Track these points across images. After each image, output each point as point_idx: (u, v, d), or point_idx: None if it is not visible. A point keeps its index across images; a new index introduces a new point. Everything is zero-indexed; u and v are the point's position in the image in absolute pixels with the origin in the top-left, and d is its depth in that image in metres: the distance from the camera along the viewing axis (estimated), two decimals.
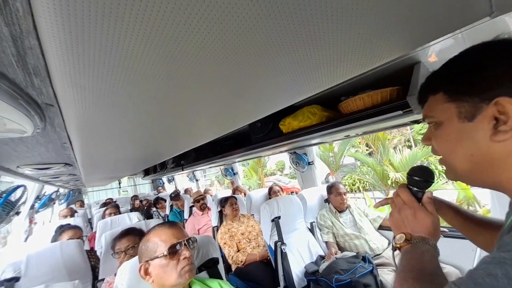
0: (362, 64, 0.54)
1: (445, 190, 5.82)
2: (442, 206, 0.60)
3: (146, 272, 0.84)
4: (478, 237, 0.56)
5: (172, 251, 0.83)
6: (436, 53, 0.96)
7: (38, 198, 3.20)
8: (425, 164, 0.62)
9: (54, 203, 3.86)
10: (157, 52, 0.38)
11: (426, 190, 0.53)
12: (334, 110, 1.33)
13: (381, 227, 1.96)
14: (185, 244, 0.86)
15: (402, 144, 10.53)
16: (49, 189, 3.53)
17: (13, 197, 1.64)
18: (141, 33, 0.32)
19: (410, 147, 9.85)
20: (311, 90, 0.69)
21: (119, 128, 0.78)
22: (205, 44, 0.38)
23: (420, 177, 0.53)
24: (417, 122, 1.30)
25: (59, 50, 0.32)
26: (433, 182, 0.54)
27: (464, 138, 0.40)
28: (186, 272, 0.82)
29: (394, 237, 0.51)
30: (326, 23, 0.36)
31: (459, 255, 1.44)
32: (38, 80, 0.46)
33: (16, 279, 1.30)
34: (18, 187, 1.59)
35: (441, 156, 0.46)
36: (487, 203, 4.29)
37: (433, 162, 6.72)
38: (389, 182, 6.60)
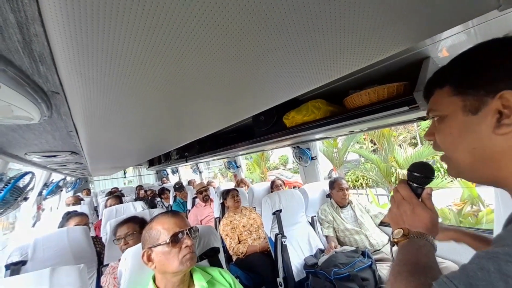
0: (367, 56, 0.53)
1: (450, 188, 5.77)
2: (465, 236, 0.68)
3: (149, 259, 0.86)
4: None
5: (174, 239, 0.85)
6: (447, 48, 0.94)
7: (45, 185, 3.29)
8: (430, 162, 0.64)
9: (61, 191, 3.96)
10: (162, 44, 0.38)
11: (426, 186, 0.53)
12: (339, 105, 1.32)
13: (382, 223, 1.97)
14: (187, 233, 0.88)
15: (407, 141, 10.41)
16: (56, 177, 3.62)
17: (22, 183, 1.69)
18: (146, 23, 0.32)
19: (416, 144, 9.73)
20: (314, 83, 0.68)
21: (124, 118, 0.79)
22: (209, 36, 0.38)
23: (420, 173, 0.53)
24: (423, 119, 1.28)
25: (63, 37, 0.32)
26: (433, 179, 0.54)
27: (467, 131, 0.40)
28: (187, 260, 0.84)
29: (392, 232, 0.52)
30: (329, 14, 0.36)
31: (459, 253, 1.45)
32: (43, 68, 0.46)
33: (22, 262, 1.34)
34: (26, 173, 1.63)
35: (443, 153, 0.46)
36: (491, 202, 4.24)
37: (439, 161, 6.63)
38: (393, 179, 6.56)
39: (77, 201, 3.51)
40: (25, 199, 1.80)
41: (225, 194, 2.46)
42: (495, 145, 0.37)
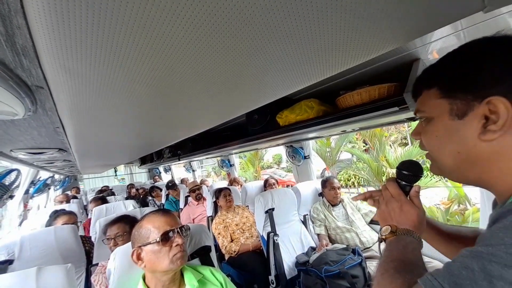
0: (357, 55, 0.53)
1: (438, 187, 5.92)
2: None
3: (139, 257, 0.85)
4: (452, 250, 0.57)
5: (165, 238, 0.84)
6: (437, 50, 0.96)
7: (32, 183, 3.20)
8: (419, 162, 0.64)
9: (49, 189, 3.86)
10: (149, 39, 0.37)
11: (414, 184, 0.54)
12: (332, 105, 1.33)
13: (372, 222, 2.00)
14: (178, 232, 0.87)
15: (398, 142, 10.62)
16: (44, 175, 3.52)
17: (7, 180, 1.63)
18: (131, 17, 0.31)
19: (406, 144, 9.94)
20: (305, 81, 0.68)
21: (113, 114, 0.77)
22: (198, 33, 0.37)
23: (409, 171, 0.54)
24: (413, 119, 1.31)
25: (45, 30, 0.31)
26: (421, 177, 0.55)
27: (453, 135, 0.40)
28: (178, 258, 0.83)
29: (381, 229, 0.52)
30: (317, 14, 0.36)
31: None
32: (27, 61, 0.44)
33: (9, 261, 1.31)
34: (12, 170, 1.58)
35: (427, 151, 0.47)
36: (477, 201, 4.38)
37: (427, 161, 6.79)
38: (384, 178, 6.68)
39: (68, 199, 3.43)
40: (11, 197, 1.75)
41: (218, 193, 2.45)
42: (480, 150, 0.37)
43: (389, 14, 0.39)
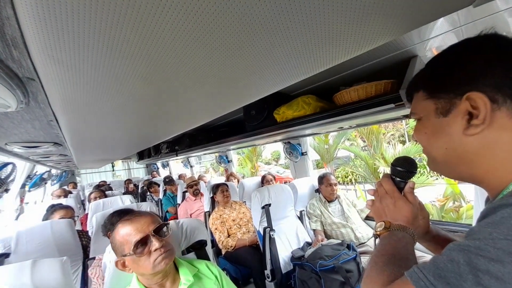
0: (350, 49, 0.53)
1: (434, 185, 5.98)
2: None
3: (124, 265, 0.82)
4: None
5: (139, 249, 0.78)
6: (436, 48, 0.96)
7: (29, 177, 3.18)
8: (416, 160, 0.65)
9: (46, 183, 3.84)
10: (140, 29, 0.36)
11: (409, 181, 0.54)
12: (330, 102, 1.32)
13: (367, 218, 2.03)
14: (153, 235, 0.81)
15: (396, 139, 10.67)
16: (40, 169, 3.50)
17: (3, 174, 1.63)
18: (122, 10, 0.31)
19: (404, 142, 9.99)
20: (298, 75, 0.68)
21: (107, 107, 0.76)
22: (192, 26, 0.37)
23: (403, 168, 0.54)
24: (408, 116, 1.31)
25: (32, 20, 0.30)
26: (415, 173, 0.55)
27: (439, 132, 0.42)
28: (159, 262, 0.79)
29: (375, 225, 0.53)
30: (307, 6, 0.35)
31: None
32: (17, 52, 0.44)
33: (6, 255, 1.32)
34: (7, 164, 1.57)
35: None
36: (472, 199, 4.43)
37: (425, 158, 6.84)
38: (381, 175, 6.73)
39: (66, 193, 3.41)
40: (6, 190, 1.74)
41: (215, 188, 2.46)
42: (467, 145, 0.38)
43: (378, 8, 0.39)
